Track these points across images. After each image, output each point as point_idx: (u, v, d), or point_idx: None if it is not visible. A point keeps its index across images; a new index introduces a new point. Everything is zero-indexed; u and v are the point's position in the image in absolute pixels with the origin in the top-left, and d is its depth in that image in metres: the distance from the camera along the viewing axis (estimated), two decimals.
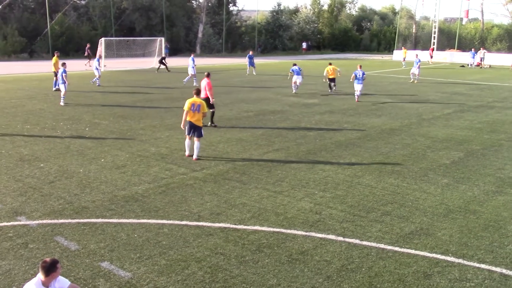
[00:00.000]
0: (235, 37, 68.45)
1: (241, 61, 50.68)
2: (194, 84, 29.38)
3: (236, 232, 8.65)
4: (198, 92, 13.62)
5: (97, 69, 28.97)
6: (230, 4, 68.17)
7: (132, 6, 56.66)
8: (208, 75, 17.88)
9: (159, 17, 58.07)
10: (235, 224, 8.98)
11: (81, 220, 9.01)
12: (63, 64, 22.30)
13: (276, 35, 70.03)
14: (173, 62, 43.52)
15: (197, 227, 8.85)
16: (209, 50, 62.60)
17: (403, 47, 47.72)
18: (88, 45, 43.50)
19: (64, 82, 21.65)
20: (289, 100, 24.53)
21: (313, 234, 8.64)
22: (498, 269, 7.50)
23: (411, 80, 34.61)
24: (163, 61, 38.52)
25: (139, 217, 9.21)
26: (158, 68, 38.66)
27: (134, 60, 45.56)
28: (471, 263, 7.68)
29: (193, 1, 68.89)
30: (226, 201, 10.15)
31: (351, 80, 24.97)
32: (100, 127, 17.13)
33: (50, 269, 5.05)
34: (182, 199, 10.21)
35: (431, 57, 56.94)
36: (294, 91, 26.96)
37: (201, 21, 63.39)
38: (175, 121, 18.40)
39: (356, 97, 24.49)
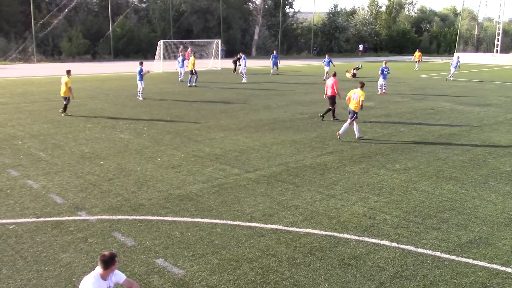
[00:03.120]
0: (291, 39, 68.48)
1: (296, 63, 50.59)
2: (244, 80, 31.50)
3: (288, 234, 8.65)
4: (362, 85, 15.91)
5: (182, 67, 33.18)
6: (287, 6, 68.29)
7: (190, 9, 57.79)
8: (334, 75, 19.49)
9: (216, 20, 58.94)
10: (287, 226, 8.98)
11: (138, 217, 9.27)
12: (141, 63, 24.34)
13: (332, 37, 69.54)
14: (230, 64, 43.98)
15: (249, 227, 8.91)
16: (264, 52, 62.92)
17: (417, 50, 46.04)
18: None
19: (141, 79, 23.79)
20: (345, 103, 24.22)
21: (366, 239, 8.51)
22: None
23: (448, 78, 36.77)
24: (238, 61, 39.21)
25: (193, 216, 9.38)
26: (234, 69, 39.38)
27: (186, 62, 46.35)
28: None
29: (249, 3, 69.45)
30: (278, 203, 10.17)
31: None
32: (157, 127, 17.56)
33: (109, 262, 5.22)
34: (235, 200, 10.31)
35: None
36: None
37: (257, 23, 63.82)
38: (230, 122, 18.62)
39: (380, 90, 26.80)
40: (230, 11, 60.78)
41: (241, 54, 39.81)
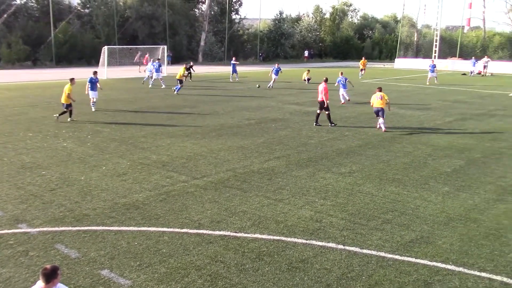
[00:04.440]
0: (237, 45, 68.69)
1: (243, 69, 50.82)
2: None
3: (236, 240, 8.65)
4: (380, 89, 19.38)
5: (150, 71, 33.82)
6: (233, 13, 68.54)
7: (136, 15, 56.95)
8: (326, 80, 19.93)
9: (162, 26, 58.35)
10: (235, 232, 8.99)
11: (82, 228, 9.03)
12: (95, 73, 22.79)
13: (278, 43, 70.30)
14: (176, 70, 43.62)
15: (197, 235, 8.86)
16: (211, 58, 62.83)
17: (363, 57, 47.22)
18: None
19: (94, 89, 22.27)
20: (290, 108, 24.58)
21: (313, 242, 8.64)
22: (499, 278, 7.48)
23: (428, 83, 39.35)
24: (191, 69, 38.73)
25: (140, 225, 9.22)
26: (190, 76, 38.86)
27: (136, 68, 45.69)
28: (472, 272, 7.66)
29: (195, 10, 69.20)
30: (226, 209, 10.16)
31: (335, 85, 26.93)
32: (102, 135, 17.18)
33: (51, 275, 5.06)
34: (182, 207, 10.23)
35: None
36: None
37: (203, 29, 63.67)
38: (177, 129, 18.47)
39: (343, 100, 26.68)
40: (176, 17, 60.32)
41: (191, 63, 39.71)
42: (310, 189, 11.64)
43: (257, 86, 33.76)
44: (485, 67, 51.03)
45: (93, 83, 22.32)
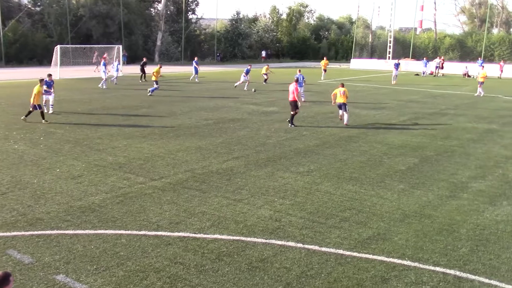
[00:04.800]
0: (194, 45, 68.29)
1: (200, 69, 50.60)
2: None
3: (195, 241, 8.58)
4: (342, 85, 20.60)
5: (104, 72, 32.96)
6: (189, 13, 68.09)
7: (89, 13, 55.74)
8: (297, 81, 20.57)
9: (117, 25, 57.35)
10: (195, 233, 8.92)
11: (35, 232, 8.74)
12: (49, 76, 21.83)
13: (235, 44, 70.32)
14: (132, 69, 43.01)
15: (156, 236, 8.74)
16: (168, 58, 62.19)
17: (325, 57, 47.81)
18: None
19: (49, 93, 21.36)
20: (249, 108, 24.62)
21: (273, 241, 8.67)
22: (452, 272, 7.71)
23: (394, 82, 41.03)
24: (144, 67, 38.03)
25: (96, 228, 9.02)
26: (142, 76, 38.06)
27: (91, 68, 44.72)
28: (427, 266, 7.86)
29: (151, 9, 68.35)
30: (185, 210, 10.07)
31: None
32: (56, 136, 16.71)
33: (3, 282, 4.86)
34: (140, 209, 10.06)
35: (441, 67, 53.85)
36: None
37: (159, 29, 62.98)
38: (133, 130, 18.18)
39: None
40: (132, 17, 59.40)
41: (144, 59, 39.17)
42: (269, 188, 11.68)
43: (253, 90, 32.46)
44: (437, 67, 52.56)
45: (49, 86, 21.46)
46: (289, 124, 19.83)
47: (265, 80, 37.55)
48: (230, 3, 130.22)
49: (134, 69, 44.03)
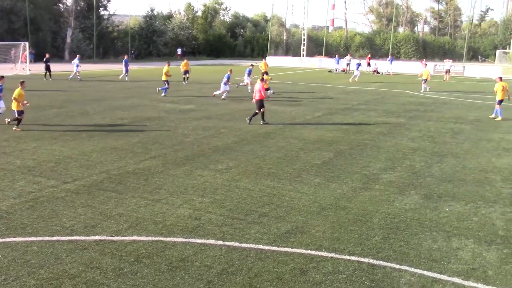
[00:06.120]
0: (107, 43, 66.22)
1: (114, 67, 49.19)
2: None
3: (112, 244, 8.33)
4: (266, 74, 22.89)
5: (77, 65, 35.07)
6: (101, 9, 65.83)
7: None
8: (262, 79, 20.78)
9: (23, 21, 54.36)
10: (112, 236, 8.65)
11: None
12: (1, 78, 19.59)
13: (150, 41, 69.01)
14: (39, 68, 40.94)
15: (70, 241, 8.37)
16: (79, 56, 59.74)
17: (264, 59, 48.02)
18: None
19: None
20: (165, 107, 24.27)
21: (193, 240, 8.60)
22: (366, 260, 8.04)
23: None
24: (48, 64, 36.14)
25: (4, 236, 8.49)
26: (47, 74, 36.07)
27: (9, 66, 42.03)
28: (343, 256, 8.15)
29: (60, 4, 65.35)
30: (101, 213, 9.74)
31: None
32: None
33: None
34: (52, 214, 9.60)
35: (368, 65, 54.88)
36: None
37: (69, 25, 60.43)
38: (43, 131, 17.32)
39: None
40: (38, 12, 56.49)
41: (46, 55, 37.40)
42: (188, 187, 11.58)
43: (236, 86, 31.76)
44: (348, 64, 54.60)
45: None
46: (261, 122, 20.08)
47: (185, 79, 36.85)
48: None
49: (41, 67, 41.94)
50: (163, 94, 28.42)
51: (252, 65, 33.28)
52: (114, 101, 25.85)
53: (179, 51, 72.27)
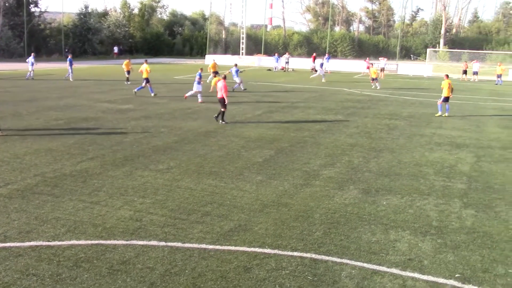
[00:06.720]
0: (39, 41, 63.67)
1: (47, 66, 47.45)
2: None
3: (49, 249, 8.02)
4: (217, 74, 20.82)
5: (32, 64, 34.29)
6: (31, 5, 63.17)
7: None
8: (225, 78, 20.52)
9: None
10: (48, 241, 8.33)
11: None
12: None
13: (85, 39, 66.90)
14: None
15: (4, 248, 7.99)
16: (9, 55, 57.21)
17: (213, 60, 47.30)
18: None
19: None
20: (103, 106, 23.65)
21: (134, 242, 8.43)
22: (308, 255, 8.18)
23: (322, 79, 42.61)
24: None
25: None
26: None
27: None
28: (285, 252, 8.25)
29: None
30: (36, 217, 9.36)
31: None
32: None
33: None
34: None
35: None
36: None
37: None
38: None
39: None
40: None
41: None
42: (128, 188, 11.34)
43: (232, 89, 30.79)
44: (286, 63, 55.23)
45: None
46: (220, 121, 19.88)
47: (127, 79, 35.58)
48: None
49: None
50: (152, 94, 28.00)
51: (236, 64, 34.69)
52: (48, 101, 24.91)
53: (115, 49, 70.51)
